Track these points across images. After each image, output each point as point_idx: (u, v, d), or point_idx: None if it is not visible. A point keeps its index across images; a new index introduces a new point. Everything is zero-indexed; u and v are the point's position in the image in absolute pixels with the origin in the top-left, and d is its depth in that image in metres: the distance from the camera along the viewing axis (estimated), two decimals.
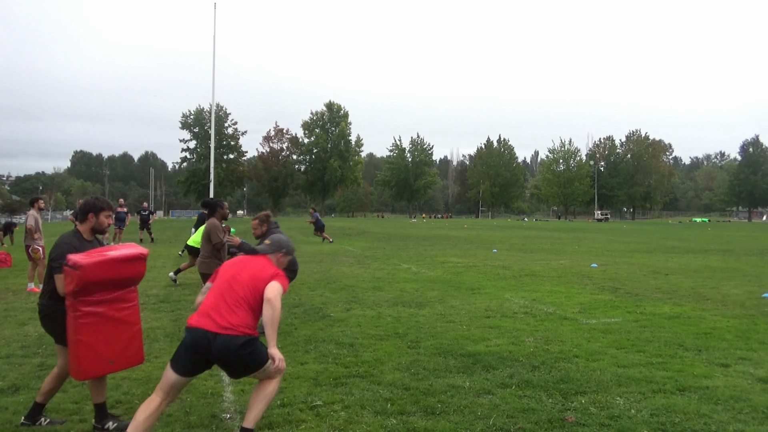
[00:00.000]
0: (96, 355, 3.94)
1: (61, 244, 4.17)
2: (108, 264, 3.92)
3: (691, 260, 18.22)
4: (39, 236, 10.91)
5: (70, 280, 3.83)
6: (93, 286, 3.88)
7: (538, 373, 5.57)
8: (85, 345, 3.90)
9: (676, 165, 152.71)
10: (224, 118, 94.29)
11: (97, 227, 4.37)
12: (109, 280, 3.93)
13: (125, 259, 4.01)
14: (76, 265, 3.80)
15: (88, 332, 3.91)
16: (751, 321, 8.24)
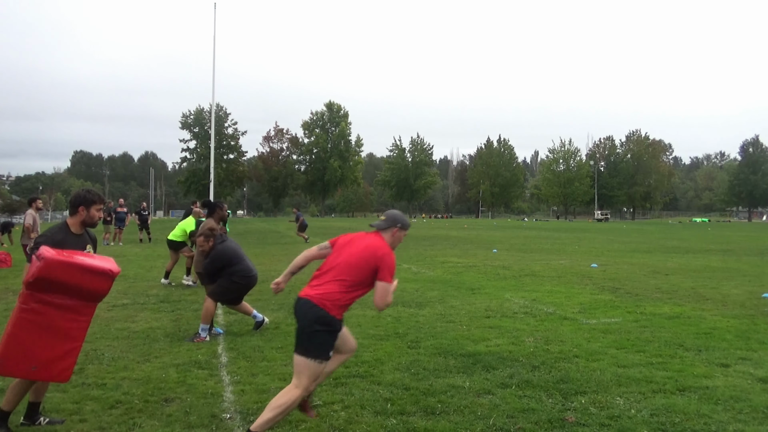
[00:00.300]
0: (23, 355, 3.75)
1: (43, 235, 4.05)
2: (72, 268, 3.75)
3: (691, 260, 18.22)
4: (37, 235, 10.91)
5: (30, 269, 3.72)
6: (49, 285, 3.72)
7: (538, 373, 5.57)
8: (17, 341, 3.74)
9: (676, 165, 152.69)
10: (224, 118, 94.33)
11: (87, 220, 4.24)
12: (68, 284, 3.75)
13: (93, 270, 3.82)
14: (39, 257, 3.69)
15: (26, 329, 3.74)
16: (751, 321, 8.24)
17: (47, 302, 3.76)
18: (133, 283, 12.06)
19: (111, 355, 6.21)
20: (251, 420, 4.38)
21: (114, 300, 9.84)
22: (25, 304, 3.74)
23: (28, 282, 3.71)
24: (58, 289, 3.75)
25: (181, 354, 6.27)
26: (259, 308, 9.07)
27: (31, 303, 3.74)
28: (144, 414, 4.50)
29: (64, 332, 3.83)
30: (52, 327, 3.78)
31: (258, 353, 6.29)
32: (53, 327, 3.79)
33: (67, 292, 3.78)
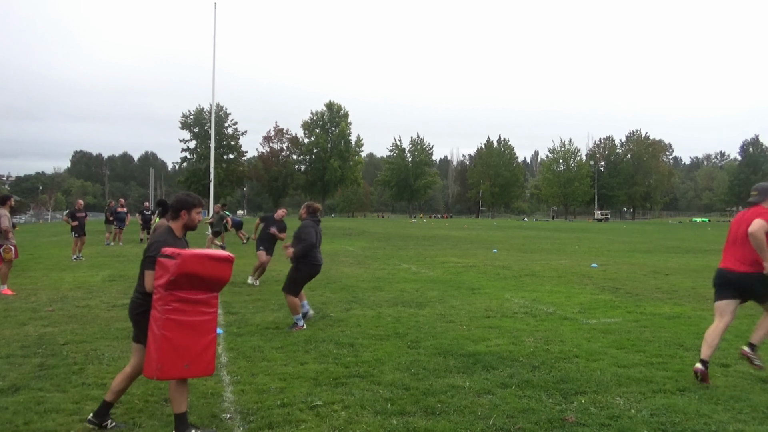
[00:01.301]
0: (176, 355, 3.88)
1: (157, 240, 4.17)
2: (204, 259, 3.94)
3: (691, 260, 18.22)
4: (12, 235, 10.88)
5: (165, 270, 3.86)
6: (185, 280, 3.88)
7: (538, 373, 5.57)
8: (168, 341, 3.86)
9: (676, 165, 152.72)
10: (224, 118, 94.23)
11: (189, 224, 4.38)
12: (201, 276, 3.93)
13: (218, 258, 4.03)
14: (174, 254, 3.86)
15: (173, 328, 3.87)
16: (751, 321, 8.23)
17: (185, 299, 3.92)
18: (133, 283, 12.02)
19: (111, 355, 6.21)
20: (251, 420, 4.38)
21: (114, 300, 9.85)
22: (168, 305, 3.87)
23: (168, 282, 3.84)
24: (193, 283, 3.92)
25: None
26: (259, 308, 9.08)
27: (172, 303, 3.88)
28: (144, 414, 4.50)
29: (200, 326, 3.99)
30: (192, 323, 3.95)
31: (258, 353, 6.29)
32: (193, 323, 3.95)
33: (200, 285, 3.96)
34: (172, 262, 3.84)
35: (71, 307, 9.08)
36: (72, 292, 10.67)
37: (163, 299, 3.87)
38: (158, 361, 3.85)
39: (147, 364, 3.95)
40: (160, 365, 3.85)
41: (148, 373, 3.94)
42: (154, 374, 3.89)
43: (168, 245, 4.06)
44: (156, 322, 3.89)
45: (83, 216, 17.76)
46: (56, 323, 7.86)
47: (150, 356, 3.90)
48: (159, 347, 3.85)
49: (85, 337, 7.01)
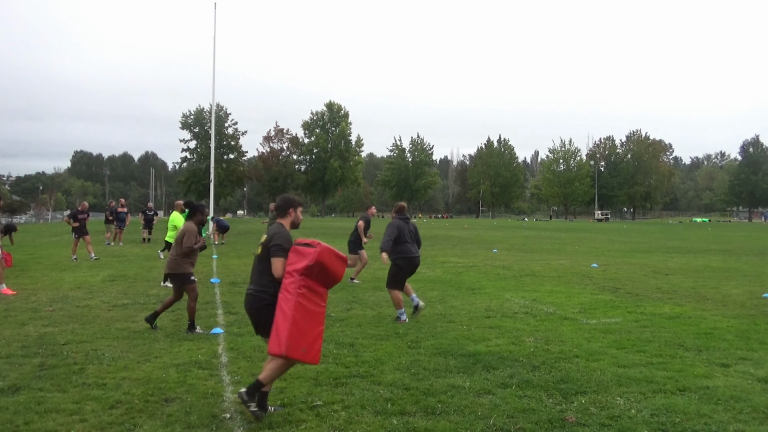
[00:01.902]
0: (300, 337, 4.12)
1: (283, 231, 4.52)
2: (333, 254, 4.27)
3: (692, 260, 18.22)
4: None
5: (303, 257, 4.18)
6: (318, 270, 4.19)
7: (539, 373, 5.57)
8: (296, 323, 4.10)
9: (676, 165, 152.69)
10: (224, 118, 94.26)
11: (296, 221, 4.73)
12: (327, 270, 4.24)
13: (341, 257, 4.35)
14: (313, 243, 4.23)
15: (301, 311, 4.14)
16: (752, 321, 8.24)
17: (311, 288, 4.22)
18: (133, 283, 12.06)
19: (111, 355, 6.21)
20: (251, 420, 4.38)
21: (114, 300, 9.85)
22: (300, 289, 4.16)
23: (307, 267, 4.15)
24: (320, 275, 4.23)
25: (182, 354, 6.27)
26: None
27: (303, 288, 4.17)
28: (144, 414, 4.50)
29: (317, 316, 4.27)
30: (312, 312, 4.24)
31: (258, 353, 6.28)
32: (313, 312, 4.24)
33: (323, 278, 4.27)
34: (311, 250, 4.18)
35: (71, 307, 9.08)
36: (72, 292, 10.67)
37: (296, 283, 4.16)
38: (287, 339, 4.08)
39: (273, 341, 4.15)
40: (287, 344, 4.08)
41: (273, 349, 4.15)
42: (280, 351, 4.11)
43: (289, 237, 4.42)
44: (287, 303, 4.14)
45: (84, 217, 17.79)
46: (56, 323, 7.86)
47: (278, 334, 4.12)
48: (289, 327, 4.09)
49: (85, 337, 7.01)
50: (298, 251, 4.24)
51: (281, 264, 4.32)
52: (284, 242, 4.37)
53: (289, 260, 4.28)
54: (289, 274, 4.22)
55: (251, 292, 4.53)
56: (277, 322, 4.15)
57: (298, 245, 4.28)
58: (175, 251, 7.49)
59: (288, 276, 4.22)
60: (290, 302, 4.12)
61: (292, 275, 4.19)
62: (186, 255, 7.45)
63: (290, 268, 4.23)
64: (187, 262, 7.46)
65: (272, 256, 4.37)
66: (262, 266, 4.49)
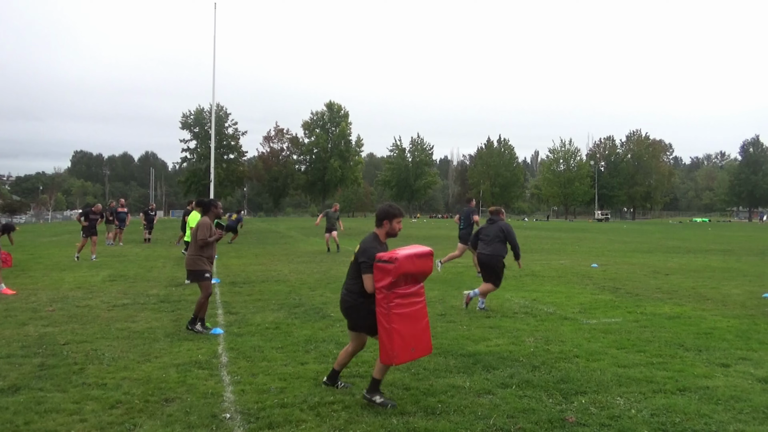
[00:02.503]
0: (405, 343, 4.49)
1: (369, 246, 4.74)
2: (413, 258, 4.51)
3: (692, 260, 18.22)
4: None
5: (385, 274, 4.44)
6: (403, 279, 4.48)
7: (539, 373, 5.57)
8: (398, 333, 4.46)
9: (676, 165, 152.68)
10: (224, 118, 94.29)
11: (390, 231, 4.94)
12: (412, 273, 4.53)
13: (422, 254, 4.59)
14: (392, 259, 4.43)
15: (399, 321, 4.47)
16: (752, 321, 8.24)
17: (402, 295, 4.51)
18: (133, 283, 12.06)
19: (111, 355, 6.21)
20: (251, 420, 4.38)
21: (114, 300, 9.85)
22: (392, 302, 4.47)
23: (391, 283, 4.43)
24: (407, 280, 4.53)
25: (182, 354, 6.27)
26: (259, 308, 9.08)
27: (394, 300, 4.48)
28: (144, 414, 4.50)
29: (416, 314, 4.61)
30: (410, 313, 4.55)
31: (258, 353, 6.29)
32: (411, 313, 4.56)
33: (412, 280, 4.58)
34: (391, 266, 4.42)
35: (71, 307, 9.08)
36: (72, 292, 10.67)
37: (386, 298, 4.47)
38: (393, 350, 4.46)
39: (383, 353, 4.54)
40: (395, 354, 4.47)
41: (385, 360, 4.54)
42: (391, 361, 4.52)
43: (378, 251, 4.65)
44: (384, 318, 4.48)
45: (96, 219, 17.89)
46: (56, 323, 7.86)
47: (384, 346, 4.51)
48: (391, 339, 4.46)
49: (85, 337, 7.01)
50: (380, 268, 4.48)
51: (371, 279, 4.58)
52: (370, 258, 4.61)
53: (375, 276, 4.53)
54: (378, 290, 4.50)
55: (343, 294, 4.93)
56: (381, 337, 4.52)
57: (378, 261, 4.49)
58: (192, 248, 7.54)
59: (378, 292, 4.50)
60: (386, 317, 4.47)
61: (381, 291, 4.49)
62: (202, 249, 7.47)
63: (378, 284, 4.49)
64: (204, 258, 7.49)
65: (362, 272, 4.68)
66: (351, 273, 4.86)
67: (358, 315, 4.78)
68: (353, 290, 4.79)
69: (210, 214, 7.67)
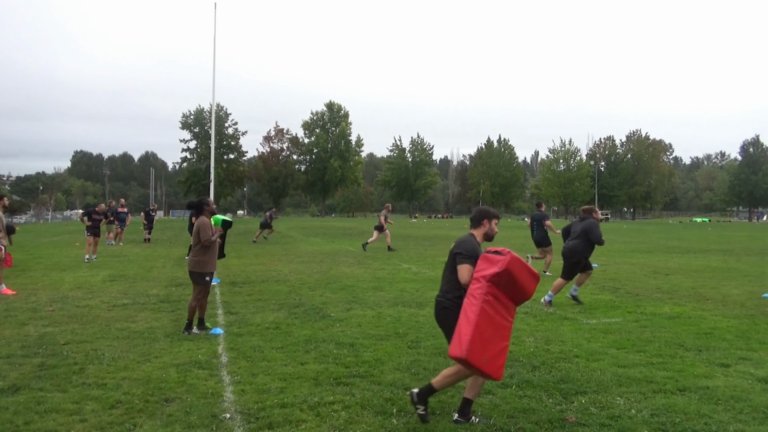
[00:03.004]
0: (482, 345, 4.02)
1: (467, 240, 4.55)
2: (524, 266, 4.20)
3: (692, 260, 18.22)
4: (3, 235, 10.79)
5: (491, 264, 4.16)
6: (506, 279, 4.11)
7: (539, 373, 5.57)
8: (479, 329, 4.01)
9: (676, 165, 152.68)
10: (224, 118, 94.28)
11: (489, 233, 4.71)
12: (516, 281, 4.16)
13: (532, 272, 4.25)
14: (503, 251, 4.20)
15: (485, 318, 4.05)
16: (752, 321, 8.24)
17: (498, 297, 4.14)
18: (133, 283, 12.06)
19: (111, 355, 6.21)
20: (251, 420, 4.38)
21: (114, 300, 9.85)
22: (486, 296, 4.10)
23: (496, 273, 4.09)
24: (508, 286, 4.15)
25: (182, 354, 6.27)
26: (258, 308, 9.09)
27: (490, 294, 4.11)
28: (144, 414, 4.50)
29: (503, 330, 4.16)
30: (498, 324, 4.12)
31: (258, 353, 6.29)
32: (498, 324, 4.13)
33: (512, 291, 4.19)
34: (500, 257, 4.16)
35: (71, 307, 9.08)
36: (72, 292, 10.67)
37: (482, 289, 4.12)
38: (468, 343, 3.99)
39: (454, 344, 4.09)
40: (469, 347, 3.98)
41: (455, 352, 4.06)
42: (461, 354, 4.00)
43: (478, 248, 4.48)
44: (471, 308, 4.09)
45: (99, 219, 17.92)
46: (56, 323, 7.86)
47: (459, 337, 4.06)
48: (471, 331, 4.01)
49: (85, 337, 7.01)
50: (488, 258, 4.26)
51: (467, 270, 4.35)
52: (467, 251, 4.42)
53: (478, 267, 4.29)
54: (477, 280, 4.21)
55: (438, 298, 4.60)
56: (460, 326, 4.11)
57: (488, 253, 4.30)
58: (195, 250, 7.49)
59: (475, 282, 4.22)
60: (475, 307, 4.09)
61: (479, 281, 4.19)
62: (206, 250, 7.44)
63: (478, 274, 4.22)
64: (206, 260, 7.44)
65: (458, 263, 4.43)
66: (447, 273, 4.58)
67: (453, 318, 4.32)
68: (446, 289, 4.52)
69: (205, 213, 7.61)
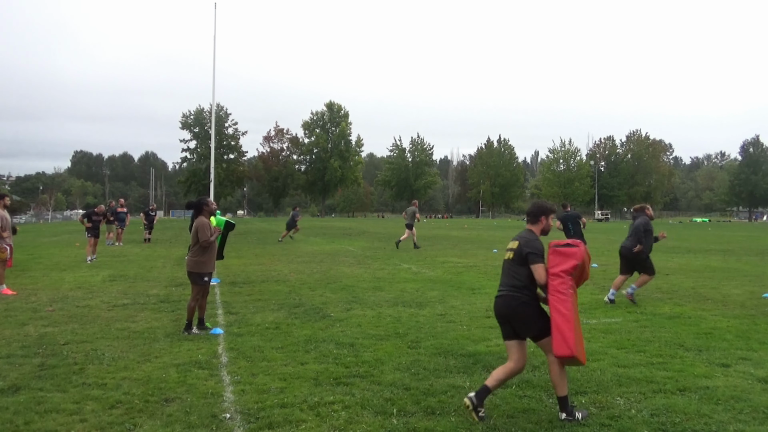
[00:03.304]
0: (578, 336, 4.25)
1: (532, 238, 4.59)
2: (588, 253, 4.45)
3: (692, 260, 18.21)
4: (8, 235, 10.79)
5: (567, 258, 4.34)
6: (579, 270, 4.34)
7: (539, 373, 5.57)
8: (576, 323, 4.23)
9: (676, 165, 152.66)
10: (224, 118, 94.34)
11: (546, 228, 4.76)
12: (585, 269, 4.41)
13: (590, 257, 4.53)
14: (574, 243, 4.41)
15: (575, 311, 4.27)
16: (752, 321, 8.24)
17: (574, 288, 4.36)
18: (133, 283, 12.06)
19: (111, 355, 6.21)
20: (251, 420, 4.38)
21: (114, 300, 9.85)
22: (571, 289, 4.30)
23: (575, 266, 4.32)
24: (578, 274, 4.39)
25: (182, 354, 6.27)
26: (258, 308, 9.09)
27: (571, 289, 4.31)
28: (144, 414, 4.50)
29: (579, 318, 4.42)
30: (576, 313, 4.34)
31: (258, 353, 6.29)
32: (576, 313, 4.34)
33: (579, 278, 4.44)
34: (575, 250, 4.35)
35: (71, 307, 9.08)
36: (72, 292, 10.67)
37: (566, 283, 4.29)
38: (573, 340, 4.14)
39: (559, 344, 4.19)
40: (575, 344, 4.14)
41: (563, 351, 4.18)
42: (571, 352, 4.15)
43: (541, 244, 4.54)
44: (563, 305, 4.22)
45: (99, 219, 17.95)
46: (56, 323, 7.86)
47: (563, 336, 4.17)
48: (573, 327, 4.16)
49: (85, 337, 7.01)
50: (561, 252, 4.37)
51: (543, 269, 4.42)
52: (538, 250, 4.49)
53: (551, 262, 4.38)
54: (556, 275, 4.31)
55: (506, 293, 4.57)
56: (559, 324, 4.20)
57: (558, 247, 4.42)
58: (194, 250, 7.47)
59: (556, 277, 4.31)
60: (567, 303, 4.21)
61: (560, 276, 4.29)
62: (204, 251, 7.43)
63: (556, 269, 4.33)
64: (205, 260, 7.44)
65: (531, 263, 4.44)
66: (514, 270, 4.55)
67: (533, 313, 4.43)
68: (519, 285, 4.48)
69: (204, 213, 7.60)
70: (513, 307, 4.49)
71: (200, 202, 7.70)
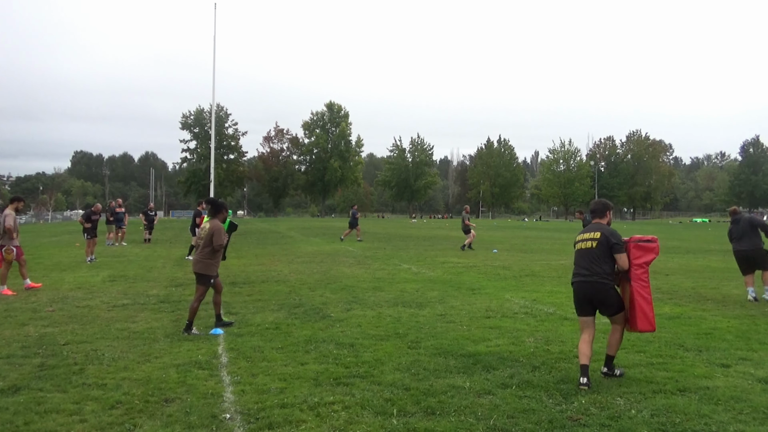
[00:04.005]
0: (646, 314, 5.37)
1: (614, 230, 5.53)
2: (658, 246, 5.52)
3: (692, 260, 18.21)
4: (16, 236, 10.77)
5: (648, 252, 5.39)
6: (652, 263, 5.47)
7: (539, 374, 5.57)
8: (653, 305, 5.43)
9: (676, 165, 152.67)
10: (224, 119, 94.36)
11: (609, 221, 5.72)
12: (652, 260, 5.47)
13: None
14: (652, 239, 5.42)
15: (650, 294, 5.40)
16: (752, 321, 8.23)
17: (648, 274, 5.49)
18: (133, 283, 12.06)
19: (111, 355, 6.21)
20: (251, 420, 4.38)
21: (114, 300, 9.85)
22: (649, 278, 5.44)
23: (653, 259, 5.43)
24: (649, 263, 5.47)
25: (182, 354, 6.27)
26: (258, 308, 9.09)
27: (648, 277, 5.42)
28: (144, 414, 4.50)
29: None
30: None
31: (258, 353, 6.29)
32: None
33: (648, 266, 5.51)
34: (653, 245, 5.41)
35: (71, 308, 9.08)
36: (72, 293, 10.67)
37: (646, 273, 5.38)
38: (653, 318, 5.38)
39: (644, 322, 5.34)
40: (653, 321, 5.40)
41: (647, 327, 5.40)
42: (652, 328, 5.45)
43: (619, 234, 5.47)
44: (645, 290, 5.35)
45: (97, 219, 17.97)
46: (56, 323, 7.86)
47: (646, 316, 5.33)
48: (652, 308, 5.40)
49: (85, 338, 7.01)
50: (641, 247, 5.35)
51: (626, 258, 5.34)
52: (621, 241, 5.39)
53: (634, 255, 5.33)
54: (639, 266, 5.31)
55: (591, 280, 5.37)
56: (642, 306, 5.30)
57: (639, 242, 5.34)
58: (204, 252, 7.46)
59: (639, 267, 5.30)
60: (647, 288, 5.35)
61: (642, 267, 5.32)
62: (215, 253, 7.46)
63: (639, 261, 5.31)
64: (214, 262, 7.50)
65: (616, 253, 5.33)
66: (598, 257, 5.38)
67: (615, 295, 5.40)
68: (605, 272, 5.34)
69: (219, 216, 7.65)
70: (603, 292, 5.34)
71: (222, 205, 7.79)
